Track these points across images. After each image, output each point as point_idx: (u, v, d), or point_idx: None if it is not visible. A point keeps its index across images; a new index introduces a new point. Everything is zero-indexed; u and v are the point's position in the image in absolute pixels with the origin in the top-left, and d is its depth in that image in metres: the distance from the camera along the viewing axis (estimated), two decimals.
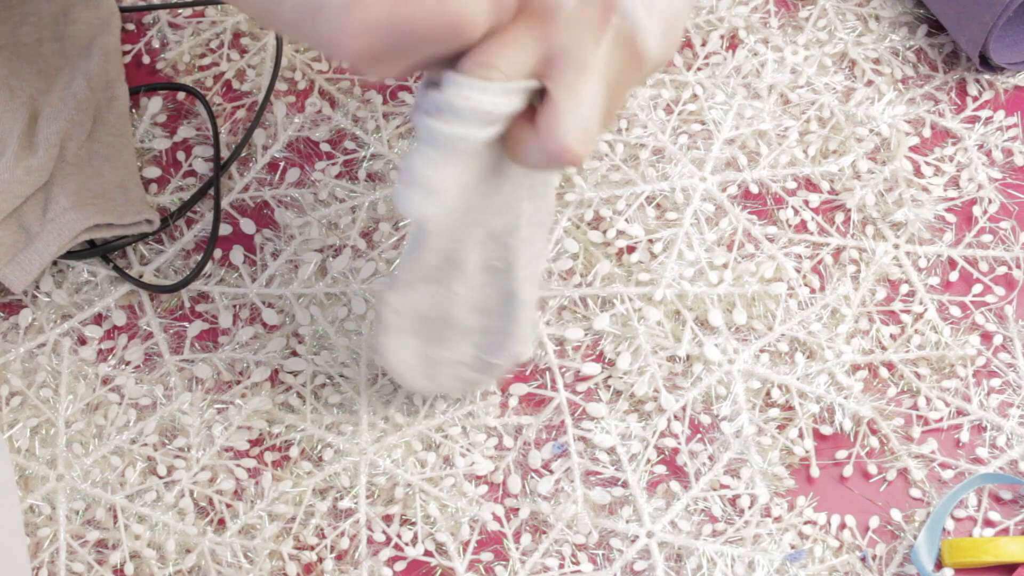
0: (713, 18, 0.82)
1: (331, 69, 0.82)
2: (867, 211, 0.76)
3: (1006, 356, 0.72)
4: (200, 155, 0.79)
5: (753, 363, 0.72)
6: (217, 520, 0.69)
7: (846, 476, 0.70)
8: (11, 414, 0.71)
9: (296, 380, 0.72)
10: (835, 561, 0.67)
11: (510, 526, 0.69)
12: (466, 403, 0.71)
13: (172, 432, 0.71)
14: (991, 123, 0.79)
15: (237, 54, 0.83)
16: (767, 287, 0.73)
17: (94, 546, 0.69)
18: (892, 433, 0.70)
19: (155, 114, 0.81)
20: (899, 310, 0.74)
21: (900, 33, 0.82)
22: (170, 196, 0.78)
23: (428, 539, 0.68)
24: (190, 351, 0.74)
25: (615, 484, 0.70)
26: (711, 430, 0.71)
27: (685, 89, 0.80)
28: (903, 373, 0.72)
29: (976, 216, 0.76)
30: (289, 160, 0.79)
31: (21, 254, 0.72)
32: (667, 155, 0.78)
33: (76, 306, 0.75)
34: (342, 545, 0.68)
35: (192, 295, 0.75)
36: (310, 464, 0.70)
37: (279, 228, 0.77)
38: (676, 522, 0.68)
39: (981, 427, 0.71)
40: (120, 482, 0.70)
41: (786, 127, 0.78)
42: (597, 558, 0.68)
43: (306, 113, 0.80)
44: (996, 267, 0.75)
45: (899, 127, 0.78)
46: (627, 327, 0.73)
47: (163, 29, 0.84)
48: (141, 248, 0.76)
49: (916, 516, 0.69)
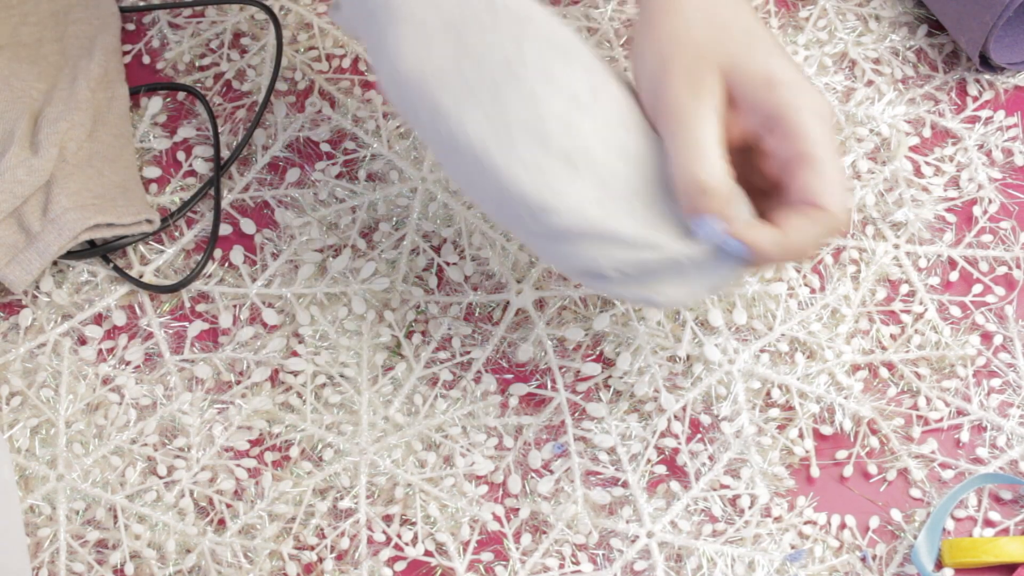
0: None
1: (331, 69, 0.82)
2: (867, 211, 0.76)
3: (1006, 356, 0.72)
4: (200, 155, 0.79)
5: (753, 363, 0.72)
6: (217, 520, 0.69)
7: (846, 476, 0.70)
8: (11, 414, 0.71)
9: (296, 380, 0.72)
10: (835, 561, 0.67)
11: (510, 526, 0.69)
12: (466, 403, 0.71)
13: (172, 432, 0.71)
14: (991, 123, 0.79)
15: (237, 54, 0.83)
16: (767, 287, 0.73)
17: (94, 546, 0.69)
18: (892, 433, 0.70)
19: (155, 114, 0.81)
20: (899, 310, 0.74)
21: (900, 33, 0.82)
22: (170, 196, 0.78)
23: (428, 539, 0.68)
24: (190, 351, 0.74)
25: (615, 484, 0.70)
26: (711, 430, 0.71)
27: None
28: (903, 373, 0.72)
29: (976, 216, 0.76)
30: (289, 160, 0.79)
31: (21, 254, 0.72)
32: None
33: (76, 306, 0.75)
34: (342, 545, 0.68)
35: (192, 295, 0.75)
36: (310, 464, 0.70)
37: (279, 228, 0.77)
38: (676, 522, 0.68)
39: (981, 427, 0.71)
40: (120, 482, 0.70)
41: None
42: (597, 558, 0.68)
43: (306, 113, 0.80)
44: (996, 267, 0.75)
45: (899, 127, 0.78)
46: (627, 327, 0.73)
47: (163, 29, 0.84)
48: (141, 248, 0.76)
49: (916, 516, 0.69)
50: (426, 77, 0.59)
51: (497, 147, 0.57)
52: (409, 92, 0.59)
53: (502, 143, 0.57)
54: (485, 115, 0.58)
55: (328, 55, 0.82)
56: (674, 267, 0.58)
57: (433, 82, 0.58)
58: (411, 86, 0.59)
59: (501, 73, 0.58)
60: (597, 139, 0.57)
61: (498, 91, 0.57)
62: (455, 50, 0.58)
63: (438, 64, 0.58)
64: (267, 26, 0.83)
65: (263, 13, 0.83)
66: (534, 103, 0.57)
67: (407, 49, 0.59)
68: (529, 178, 0.57)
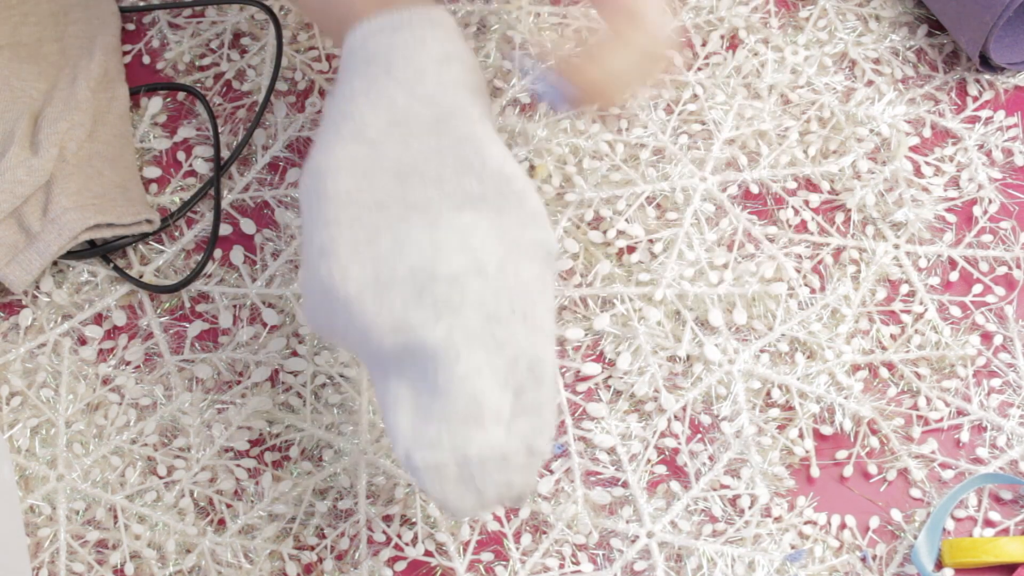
0: (713, 18, 0.82)
1: (331, 69, 0.82)
2: (867, 211, 0.76)
3: (1006, 356, 0.72)
4: (200, 155, 0.79)
5: (753, 363, 0.72)
6: (217, 520, 0.69)
7: (846, 476, 0.70)
8: (11, 414, 0.71)
9: (296, 380, 0.72)
10: (835, 561, 0.67)
11: (510, 526, 0.69)
12: None
13: (172, 432, 0.71)
14: (991, 123, 0.79)
15: (237, 54, 0.83)
16: (767, 287, 0.73)
17: (94, 546, 0.69)
18: (892, 433, 0.70)
19: (155, 114, 0.81)
20: (899, 310, 0.74)
21: (900, 33, 0.82)
22: (170, 196, 0.78)
23: (428, 539, 0.68)
24: (190, 351, 0.74)
25: (615, 484, 0.70)
26: (711, 430, 0.71)
27: (685, 89, 0.80)
28: (903, 373, 0.72)
29: (976, 216, 0.76)
30: (289, 160, 0.79)
31: (22, 254, 0.72)
32: (667, 155, 0.78)
33: (76, 306, 0.75)
34: (342, 545, 0.68)
35: (192, 295, 0.75)
36: (310, 464, 0.70)
37: (279, 228, 0.77)
38: (676, 522, 0.68)
39: (981, 427, 0.71)
40: (120, 482, 0.70)
41: (786, 127, 0.78)
42: (597, 558, 0.68)
43: (306, 113, 0.80)
44: (996, 267, 0.75)
45: (899, 127, 0.78)
46: (627, 327, 0.73)
47: (163, 29, 0.84)
48: (141, 248, 0.76)
49: (916, 516, 0.69)
50: (327, 205, 0.57)
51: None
52: (303, 208, 0.58)
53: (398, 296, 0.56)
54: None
55: (328, 55, 0.82)
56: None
57: (330, 212, 0.57)
58: (308, 205, 0.58)
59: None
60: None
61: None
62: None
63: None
64: (267, 26, 0.83)
65: (263, 13, 0.83)
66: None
67: (323, 164, 0.58)
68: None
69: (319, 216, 0.56)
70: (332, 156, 0.57)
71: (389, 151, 0.57)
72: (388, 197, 0.56)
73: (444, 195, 0.56)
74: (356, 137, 0.57)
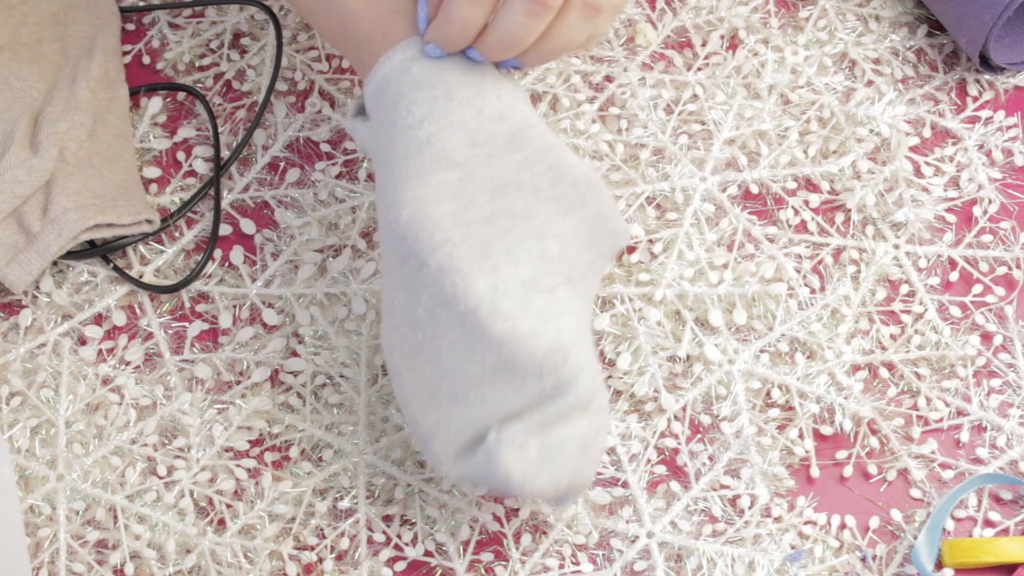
0: (713, 18, 0.82)
1: (331, 69, 0.82)
2: (867, 211, 0.76)
3: (1006, 356, 0.72)
4: (200, 155, 0.79)
5: (753, 363, 0.72)
6: (217, 520, 0.69)
7: (846, 476, 0.70)
8: (11, 414, 0.71)
9: (296, 380, 0.72)
10: (835, 561, 0.67)
11: (510, 526, 0.69)
12: None
13: (172, 432, 0.71)
14: (991, 123, 0.79)
15: (237, 54, 0.83)
16: (767, 287, 0.73)
17: (94, 546, 0.69)
18: (892, 433, 0.70)
19: (155, 114, 0.81)
20: (899, 310, 0.74)
21: (900, 33, 0.82)
22: (170, 196, 0.78)
23: (428, 539, 0.68)
24: (190, 351, 0.74)
25: (615, 484, 0.70)
26: (711, 430, 0.71)
27: (685, 89, 0.80)
28: (903, 373, 0.72)
29: (976, 216, 0.76)
30: (289, 160, 0.79)
31: (21, 254, 0.72)
32: (667, 155, 0.78)
33: (76, 306, 0.75)
34: (342, 545, 0.68)
35: (192, 295, 0.75)
36: (310, 464, 0.70)
37: (279, 228, 0.77)
38: (676, 522, 0.68)
39: (981, 427, 0.71)
40: (120, 482, 0.70)
41: (786, 127, 0.78)
42: (597, 558, 0.68)
43: (306, 113, 0.80)
44: (996, 267, 0.75)
45: (899, 127, 0.78)
46: (627, 327, 0.73)
47: (163, 29, 0.84)
48: (141, 248, 0.76)
49: (916, 516, 0.69)
50: (435, 229, 0.59)
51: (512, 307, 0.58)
52: (408, 238, 0.60)
53: (516, 304, 0.59)
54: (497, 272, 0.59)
55: (328, 55, 0.82)
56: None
57: (439, 235, 0.59)
58: (415, 234, 0.60)
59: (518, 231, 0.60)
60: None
61: (512, 253, 0.59)
62: (474, 210, 0.60)
63: (452, 219, 0.60)
64: (267, 26, 0.83)
65: (263, 13, 0.83)
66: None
67: (419, 194, 0.60)
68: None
69: (428, 241, 0.59)
70: (425, 184, 0.60)
71: (478, 171, 0.60)
72: (493, 213, 0.59)
73: (542, 203, 0.60)
74: (441, 163, 0.60)
